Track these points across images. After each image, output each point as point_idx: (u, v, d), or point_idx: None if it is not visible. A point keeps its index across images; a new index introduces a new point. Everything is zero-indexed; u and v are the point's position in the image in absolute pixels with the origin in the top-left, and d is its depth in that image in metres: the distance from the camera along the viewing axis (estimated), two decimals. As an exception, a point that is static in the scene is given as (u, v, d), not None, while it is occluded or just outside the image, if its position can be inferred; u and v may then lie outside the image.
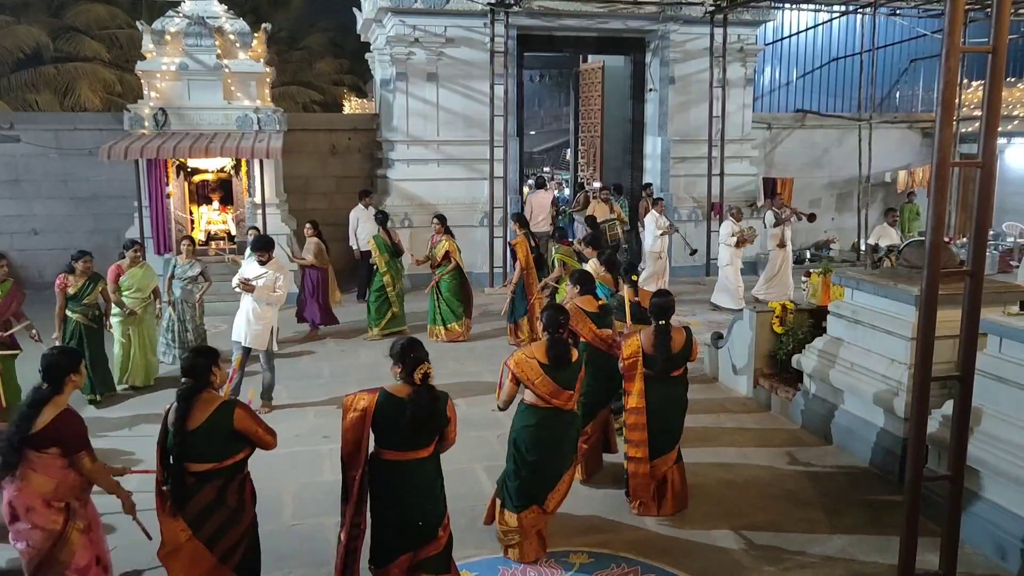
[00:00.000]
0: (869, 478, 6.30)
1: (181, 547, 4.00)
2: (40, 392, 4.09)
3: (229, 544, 4.10)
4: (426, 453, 4.23)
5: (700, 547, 5.27)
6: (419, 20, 13.59)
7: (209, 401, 4.03)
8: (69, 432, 4.08)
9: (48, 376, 4.10)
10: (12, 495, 4.06)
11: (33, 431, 4.00)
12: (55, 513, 4.10)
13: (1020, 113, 16.51)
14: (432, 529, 4.31)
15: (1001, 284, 6.64)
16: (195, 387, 4.04)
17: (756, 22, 15.18)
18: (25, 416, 4.03)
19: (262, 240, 7.96)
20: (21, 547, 4.12)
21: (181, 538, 3.99)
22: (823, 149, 17.30)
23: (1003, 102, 4.55)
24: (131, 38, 20.99)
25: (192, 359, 4.11)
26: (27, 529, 4.07)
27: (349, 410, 4.14)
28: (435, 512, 4.32)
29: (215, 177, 13.31)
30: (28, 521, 4.06)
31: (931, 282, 4.18)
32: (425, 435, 4.20)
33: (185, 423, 3.95)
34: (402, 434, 4.13)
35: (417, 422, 4.10)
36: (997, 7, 3.99)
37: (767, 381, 7.92)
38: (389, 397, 4.13)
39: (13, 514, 4.08)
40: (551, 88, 25.53)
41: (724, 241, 12.03)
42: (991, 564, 5.02)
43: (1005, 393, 5.17)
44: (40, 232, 14.41)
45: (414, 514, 4.25)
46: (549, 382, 4.89)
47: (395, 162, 14.15)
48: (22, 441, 3.99)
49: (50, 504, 4.08)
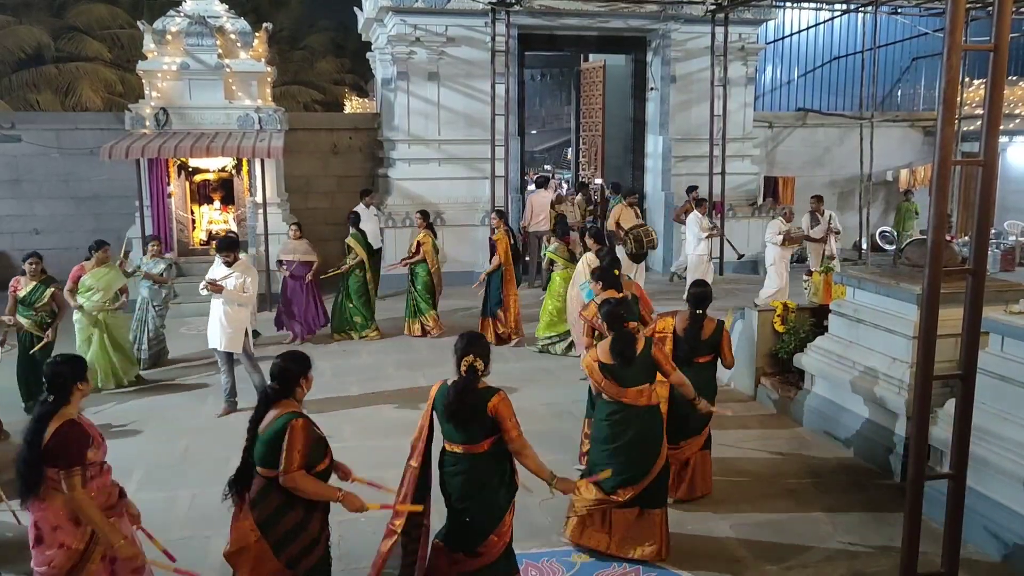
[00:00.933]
0: (871, 477, 6.29)
1: (249, 547, 3.91)
2: (46, 404, 3.87)
3: (296, 550, 3.93)
4: (479, 449, 4.18)
5: (701, 546, 5.26)
6: (420, 19, 13.59)
7: (284, 407, 3.91)
8: (62, 446, 3.77)
9: (52, 387, 3.87)
10: (38, 516, 3.86)
11: (44, 446, 3.78)
12: (82, 532, 3.87)
13: (1022, 111, 16.49)
14: (478, 535, 4.24)
15: (1003, 283, 6.62)
16: (279, 392, 3.95)
17: (757, 21, 15.16)
18: (34, 431, 3.81)
19: (227, 240, 7.88)
20: (43, 570, 3.87)
21: (250, 539, 3.90)
22: (824, 148, 17.29)
23: (1005, 100, 4.53)
24: (132, 38, 21.00)
25: (283, 365, 3.97)
26: (53, 551, 3.84)
27: (429, 398, 4.30)
28: (486, 513, 4.23)
29: (216, 177, 13.31)
30: (54, 541, 3.84)
31: (933, 280, 4.17)
32: (473, 428, 4.16)
33: (256, 426, 3.92)
34: (449, 423, 4.19)
35: (453, 412, 4.13)
36: (999, 5, 3.98)
37: (769, 380, 7.91)
38: (444, 386, 4.25)
39: (38, 536, 3.86)
40: (552, 87, 25.48)
41: (771, 240, 11.54)
42: (993, 563, 5.02)
43: (1007, 391, 5.16)
44: (41, 232, 14.42)
45: (460, 509, 4.26)
46: (611, 384, 4.94)
47: (396, 161, 14.14)
48: (37, 459, 3.78)
49: (78, 522, 3.86)
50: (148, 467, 6.51)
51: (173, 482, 6.26)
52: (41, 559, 3.85)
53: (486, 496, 4.22)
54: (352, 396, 8.18)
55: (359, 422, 7.50)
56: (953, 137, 4.15)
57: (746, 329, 8.20)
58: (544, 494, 4.56)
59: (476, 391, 4.14)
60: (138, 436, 7.24)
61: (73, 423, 3.85)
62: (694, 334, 5.73)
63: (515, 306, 10.27)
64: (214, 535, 5.39)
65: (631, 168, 15.78)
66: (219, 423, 7.54)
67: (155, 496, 5.96)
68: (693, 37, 14.72)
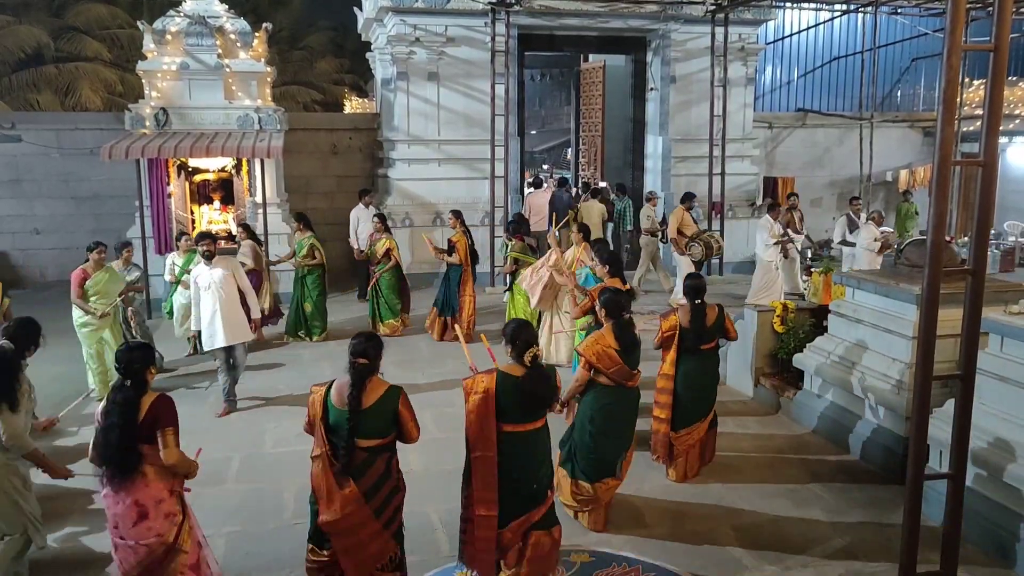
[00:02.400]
0: (870, 477, 6.29)
1: (353, 513, 4.17)
2: (127, 389, 4.09)
3: (391, 512, 4.30)
4: (540, 423, 4.55)
5: (700, 546, 5.27)
6: (420, 19, 13.59)
7: (379, 384, 4.23)
8: (164, 411, 4.10)
9: (129, 372, 4.10)
10: (139, 494, 4.05)
11: (139, 422, 4.03)
12: (178, 503, 4.18)
13: (1022, 112, 16.50)
14: (544, 491, 4.60)
15: (1003, 283, 6.63)
16: (369, 369, 4.19)
17: (757, 21, 15.17)
18: (124, 415, 4.02)
19: (204, 233, 8.36)
20: (151, 542, 4.08)
21: (354, 506, 4.16)
22: (824, 148, 17.30)
23: (1005, 101, 4.54)
24: (132, 38, 21.02)
25: (364, 343, 4.21)
26: (159, 522, 4.08)
27: (471, 393, 4.43)
28: (548, 475, 4.65)
29: (216, 177, 13.30)
30: (160, 513, 4.09)
31: (932, 281, 4.17)
32: (541, 408, 4.53)
33: (359, 402, 4.12)
34: (520, 409, 4.43)
35: (534, 399, 4.43)
36: (999, 5, 3.98)
37: (768, 380, 7.92)
38: (506, 377, 4.42)
39: (141, 512, 4.06)
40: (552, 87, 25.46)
41: (867, 247, 11.03)
42: (993, 563, 5.02)
43: (1007, 392, 5.16)
44: (41, 232, 14.44)
45: (531, 479, 4.52)
46: (623, 368, 5.27)
47: (396, 161, 14.15)
48: (133, 439, 4.01)
49: (173, 493, 4.15)
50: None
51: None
52: (145, 532, 4.06)
53: (547, 459, 4.62)
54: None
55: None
56: (953, 137, 4.16)
57: (745, 329, 8.20)
58: None
59: (550, 375, 4.52)
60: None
61: (165, 396, 4.18)
62: (700, 323, 6.05)
63: (470, 306, 10.34)
64: (214, 534, 5.39)
65: (631, 168, 15.80)
66: (219, 423, 7.54)
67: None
68: (693, 37, 14.73)
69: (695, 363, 6.09)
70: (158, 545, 4.10)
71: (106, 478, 4.06)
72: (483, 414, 4.39)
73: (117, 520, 4.10)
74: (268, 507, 5.87)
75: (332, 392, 4.22)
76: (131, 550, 4.10)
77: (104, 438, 4.05)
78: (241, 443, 7.07)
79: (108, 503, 4.10)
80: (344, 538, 4.23)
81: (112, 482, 4.05)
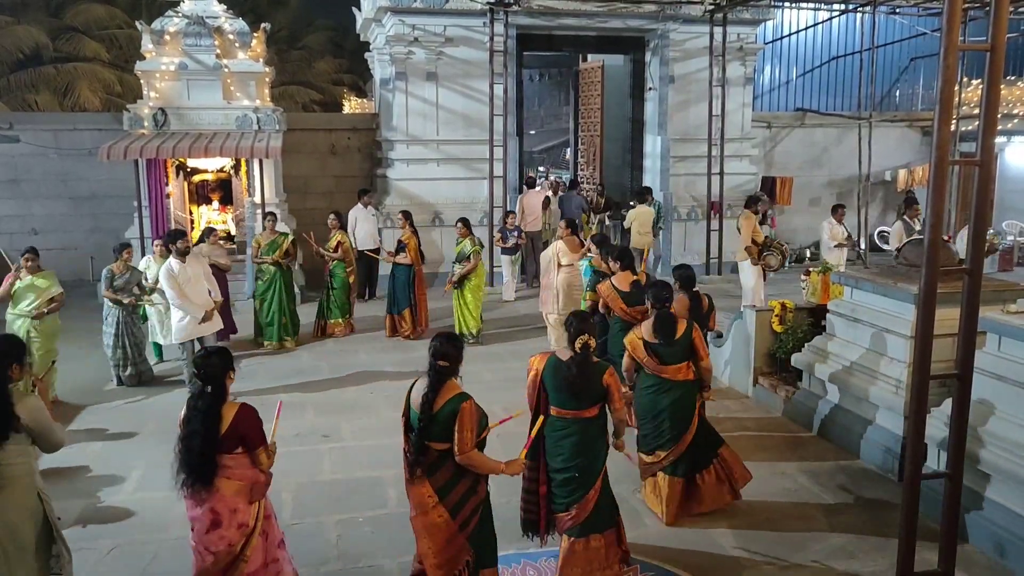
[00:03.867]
0: (868, 476, 6.30)
1: (427, 512, 4.18)
2: (207, 396, 4.03)
3: (468, 512, 4.24)
4: (590, 414, 4.67)
5: (699, 546, 5.27)
6: (418, 19, 13.58)
7: (451, 388, 4.15)
8: (250, 426, 4.09)
9: (209, 378, 4.04)
10: (214, 502, 4.03)
11: (221, 433, 4.00)
12: (253, 510, 4.16)
13: (1020, 111, 16.50)
14: (584, 486, 4.69)
15: (1000, 282, 6.63)
16: (449, 371, 4.14)
17: (756, 21, 15.16)
18: (206, 423, 3.98)
19: (178, 230, 8.90)
20: (220, 550, 4.07)
21: (428, 504, 4.17)
22: (823, 148, 17.29)
23: (1002, 100, 4.55)
24: (130, 38, 21.03)
25: (445, 347, 4.14)
26: (231, 531, 4.07)
27: (530, 370, 4.76)
28: (590, 469, 4.70)
29: (215, 177, 13.32)
30: (233, 522, 4.07)
31: (930, 280, 4.18)
32: (585, 397, 4.64)
33: (432, 406, 4.09)
34: (563, 393, 4.62)
35: (572, 384, 4.57)
36: (995, 5, 3.99)
37: (767, 380, 7.92)
38: (555, 360, 4.68)
39: (215, 520, 4.05)
40: (551, 87, 25.47)
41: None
42: (990, 562, 5.02)
43: (1004, 391, 5.17)
44: (40, 232, 14.40)
45: (568, 467, 4.68)
46: (652, 360, 5.53)
47: (395, 162, 14.14)
48: (213, 449, 3.99)
49: (251, 501, 4.14)
50: (147, 467, 6.50)
51: (171, 482, 6.22)
52: (218, 540, 4.06)
53: (592, 454, 4.70)
54: (349, 395, 8.20)
55: (356, 421, 7.50)
56: (950, 137, 4.16)
57: (744, 329, 8.21)
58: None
59: (592, 365, 4.62)
60: (136, 436, 7.24)
61: (247, 406, 4.14)
62: (697, 311, 6.38)
63: (424, 305, 10.52)
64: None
65: (630, 168, 15.80)
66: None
67: (154, 496, 5.97)
68: (691, 37, 14.73)
69: None
70: (226, 555, 4.09)
71: (185, 485, 4.02)
72: (532, 392, 4.73)
73: (192, 523, 4.11)
74: (266, 507, 5.87)
75: (413, 392, 4.23)
76: (200, 556, 4.12)
77: (185, 445, 4.01)
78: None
79: (187, 506, 4.11)
80: (423, 540, 4.25)
81: (189, 490, 4.02)
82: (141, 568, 5.02)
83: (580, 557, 4.70)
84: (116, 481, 6.27)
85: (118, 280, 8.64)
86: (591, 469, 4.70)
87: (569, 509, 4.69)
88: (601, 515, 4.74)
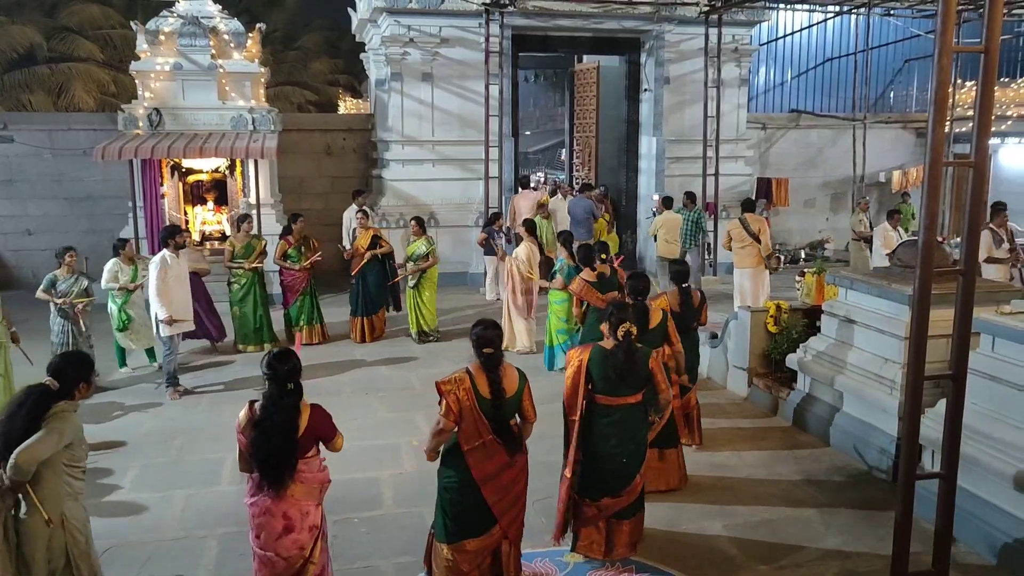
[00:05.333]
0: (863, 477, 6.32)
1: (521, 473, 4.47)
2: (286, 397, 3.94)
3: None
4: (634, 400, 4.90)
5: (694, 546, 5.28)
6: (414, 20, 13.59)
7: (510, 368, 4.40)
8: (326, 424, 4.11)
9: (286, 378, 3.94)
10: (287, 506, 3.97)
11: (299, 435, 3.96)
12: (319, 513, 4.14)
13: (1014, 113, 16.56)
14: (632, 471, 4.93)
15: (994, 283, 6.66)
16: (500, 356, 4.34)
17: (750, 22, 15.20)
18: (287, 426, 3.92)
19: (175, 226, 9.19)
20: (293, 554, 4.01)
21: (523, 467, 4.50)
22: (818, 149, 17.35)
23: (996, 102, 4.57)
24: (125, 38, 20.98)
25: (485, 332, 4.31)
26: (304, 535, 4.02)
27: (571, 362, 4.93)
28: (637, 454, 4.96)
29: (210, 177, 13.29)
30: (305, 525, 4.03)
31: (924, 281, 4.19)
32: (629, 383, 4.85)
33: (500, 389, 4.28)
34: (609, 380, 4.81)
35: (618, 370, 4.76)
36: (989, 7, 4.00)
37: (762, 380, 7.94)
38: (600, 350, 4.87)
39: (288, 525, 3.98)
40: (546, 88, 25.53)
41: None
42: (984, 562, 5.04)
43: (998, 392, 5.19)
44: (34, 232, 14.39)
45: (620, 452, 4.87)
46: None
47: (390, 162, 14.14)
48: (294, 451, 3.94)
49: (318, 504, 4.13)
50: (142, 468, 6.49)
51: (167, 483, 6.24)
52: (290, 545, 4.02)
53: (638, 439, 4.97)
54: (344, 396, 8.18)
55: (353, 421, 7.49)
56: (944, 138, 4.18)
57: (739, 329, 8.22)
58: None
59: (637, 351, 4.85)
60: (132, 437, 7.22)
61: (319, 406, 4.14)
62: (688, 305, 6.64)
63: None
64: (208, 535, 5.39)
65: (625, 169, 15.81)
66: (214, 424, 7.49)
67: (149, 496, 5.96)
68: (687, 38, 14.76)
69: (685, 341, 6.39)
70: (298, 558, 4.03)
71: (264, 486, 3.94)
72: (576, 382, 4.84)
73: (259, 530, 4.00)
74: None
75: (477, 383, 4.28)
76: (270, 563, 4.02)
77: (263, 447, 3.90)
78: (233, 444, 7.03)
79: (254, 512, 4.00)
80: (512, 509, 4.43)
81: (267, 491, 3.94)
82: (136, 569, 5.01)
83: (624, 537, 5.01)
84: (112, 481, 6.25)
85: (61, 285, 8.26)
86: (639, 453, 4.97)
87: (619, 494, 4.90)
88: (636, 502, 5.05)
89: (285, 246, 10.09)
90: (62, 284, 8.30)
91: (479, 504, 4.31)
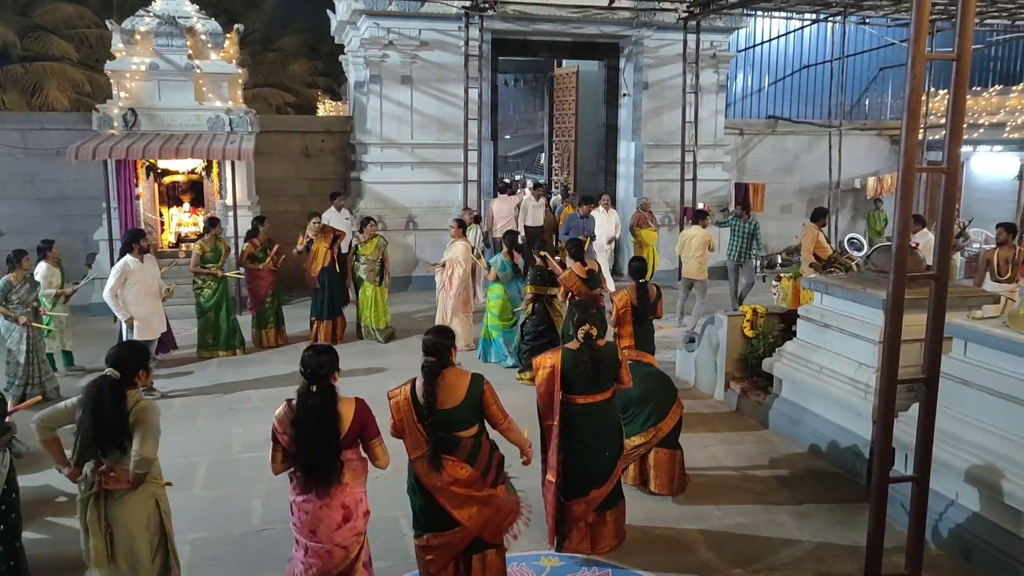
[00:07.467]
0: (837, 480, 6.36)
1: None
2: (319, 396, 3.92)
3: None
4: (606, 396, 5.03)
5: (669, 550, 5.29)
6: (393, 23, 13.56)
7: (460, 377, 4.26)
8: (370, 418, 4.08)
9: (318, 377, 3.93)
10: (344, 496, 3.99)
11: (345, 431, 3.97)
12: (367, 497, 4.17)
13: (985, 122, 16.81)
14: (615, 460, 5.11)
15: (967, 289, 6.74)
16: (441, 365, 4.18)
17: (728, 29, 15.33)
18: (328, 422, 3.91)
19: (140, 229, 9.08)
20: (352, 541, 4.04)
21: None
22: (794, 155, 17.50)
23: (969, 110, 4.63)
24: (100, 37, 20.71)
25: (435, 339, 4.21)
26: (361, 521, 4.08)
27: (539, 368, 4.99)
28: (618, 444, 5.17)
29: (186, 179, 13.15)
30: (360, 512, 4.08)
31: (897, 286, 4.24)
32: (603, 380, 4.99)
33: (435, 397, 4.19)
34: (586, 379, 4.92)
35: (593, 369, 4.89)
36: (961, 15, 4.06)
37: (738, 385, 7.97)
38: (569, 352, 4.97)
39: (347, 515, 4.01)
40: (526, 92, 25.50)
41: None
42: (956, 565, 5.09)
43: (970, 396, 5.24)
44: (6, 233, 14.13)
45: (604, 446, 5.03)
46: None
47: (368, 165, 14.09)
48: (338, 447, 3.95)
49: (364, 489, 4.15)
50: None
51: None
52: (349, 533, 4.04)
53: (618, 428, 5.20)
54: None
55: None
56: (917, 144, 4.23)
57: (715, 334, 8.26)
58: None
59: (602, 349, 4.97)
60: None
61: (362, 400, 4.12)
62: (646, 299, 6.87)
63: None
64: (181, 540, 5.31)
65: (603, 173, 15.87)
66: (186, 428, 7.42)
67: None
68: (665, 44, 14.85)
69: (643, 331, 6.83)
70: (356, 546, 4.08)
71: (312, 486, 3.93)
72: (550, 387, 4.92)
73: (315, 524, 3.98)
74: (235, 513, 5.80)
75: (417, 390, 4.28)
76: (327, 554, 4.00)
77: (306, 447, 3.89)
78: (208, 448, 6.99)
79: (308, 508, 3.97)
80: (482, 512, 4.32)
81: (315, 490, 3.93)
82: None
83: (610, 529, 5.16)
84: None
85: (16, 292, 7.93)
86: (619, 444, 5.17)
87: (601, 486, 5.02)
88: (617, 491, 5.21)
89: (251, 248, 10.15)
90: (17, 291, 7.93)
91: (435, 506, 4.29)
